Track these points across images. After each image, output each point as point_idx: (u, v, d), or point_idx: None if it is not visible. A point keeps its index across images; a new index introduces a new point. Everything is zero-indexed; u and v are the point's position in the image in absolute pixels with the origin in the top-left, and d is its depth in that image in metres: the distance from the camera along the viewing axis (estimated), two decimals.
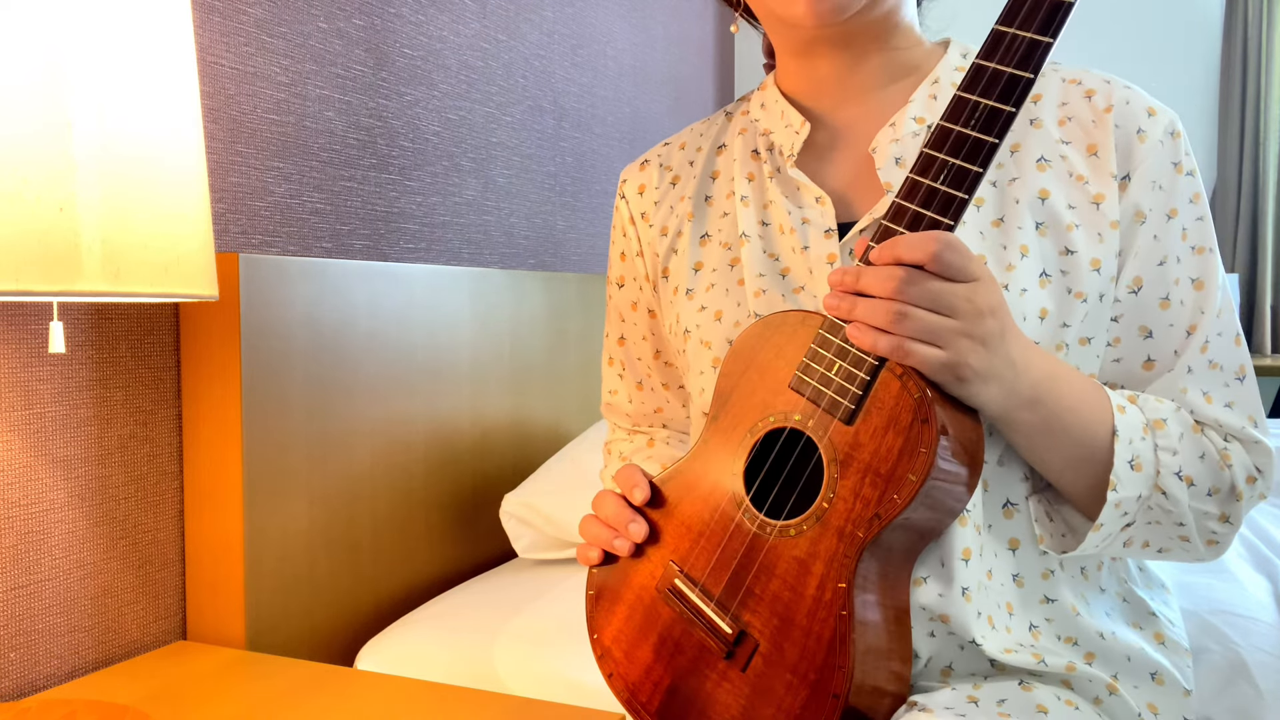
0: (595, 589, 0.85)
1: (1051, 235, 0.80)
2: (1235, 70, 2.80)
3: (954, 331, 0.68)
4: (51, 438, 1.10)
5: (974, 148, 0.68)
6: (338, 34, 1.49)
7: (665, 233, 0.96)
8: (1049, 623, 0.81)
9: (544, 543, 1.59)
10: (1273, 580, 1.48)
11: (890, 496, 0.69)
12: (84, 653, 1.14)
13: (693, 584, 0.78)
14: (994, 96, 0.68)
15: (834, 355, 0.72)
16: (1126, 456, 0.75)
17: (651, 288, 0.99)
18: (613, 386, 1.10)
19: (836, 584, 0.71)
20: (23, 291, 0.78)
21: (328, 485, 1.33)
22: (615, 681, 0.82)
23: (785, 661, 0.73)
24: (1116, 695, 0.81)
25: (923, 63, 0.88)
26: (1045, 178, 0.81)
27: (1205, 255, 0.81)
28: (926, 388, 0.69)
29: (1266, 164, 2.78)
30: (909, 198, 0.70)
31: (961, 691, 0.77)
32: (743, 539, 0.76)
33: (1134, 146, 0.81)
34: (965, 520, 0.77)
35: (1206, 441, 0.79)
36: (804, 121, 0.89)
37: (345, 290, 1.35)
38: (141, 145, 0.84)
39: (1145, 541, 0.80)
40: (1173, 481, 0.76)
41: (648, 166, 1.00)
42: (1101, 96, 0.83)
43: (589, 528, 0.85)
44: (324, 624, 1.34)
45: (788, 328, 0.76)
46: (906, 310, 0.67)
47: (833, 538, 0.71)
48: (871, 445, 0.70)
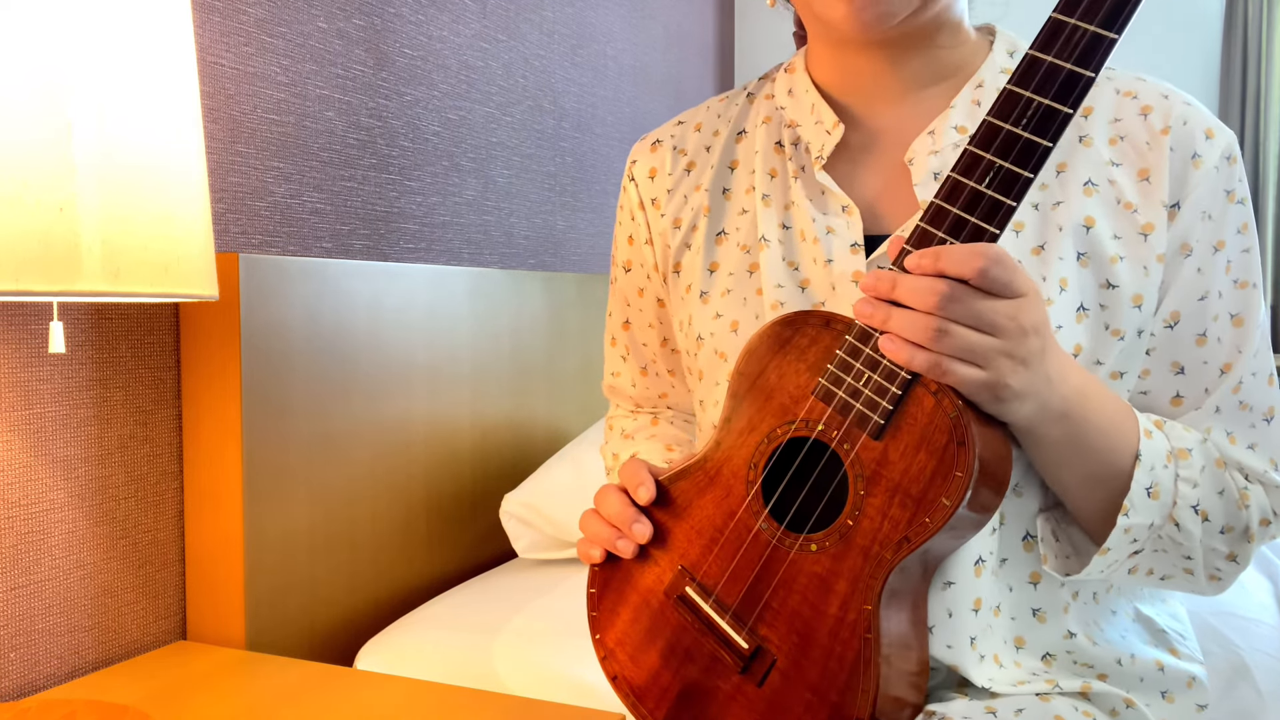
0: (598, 587, 0.82)
1: (1093, 267, 0.76)
2: (1235, 70, 2.80)
3: (996, 351, 0.64)
4: (51, 438, 1.10)
5: (1025, 150, 0.63)
6: (338, 34, 1.49)
7: (678, 225, 0.91)
8: (1068, 654, 0.80)
9: (544, 543, 1.59)
10: (1274, 582, 1.48)
11: (922, 520, 0.66)
12: (84, 653, 1.14)
13: (706, 593, 0.76)
14: (1050, 95, 0.62)
15: (863, 365, 0.68)
16: (1145, 483, 0.72)
17: (661, 278, 0.94)
18: (615, 369, 1.06)
19: (862, 605, 0.69)
20: (23, 291, 0.78)
21: (328, 485, 1.33)
22: (620, 685, 0.80)
23: (805, 680, 0.71)
24: (1134, 709, 0.79)
25: (968, 60, 0.82)
26: (1091, 203, 0.77)
27: (1248, 290, 0.77)
28: (962, 406, 0.66)
29: (1266, 164, 2.78)
30: (950, 200, 0.65)
31: (979, 702, 0.76)
32: (761, 550, 0.73)
33: (1188, 173, 0.76)
34: (981, 570, 0.76)
35: (1228, 479, 0.76)
36: (837, 122, 0.83)
37: (345, 290, 1.35)
38: (141, 145, 0.84)
39: (1150, 569, 0.77)
40: (1188, 515, 0.74)
41: (660, 148, 0.94)
42: (1159, 115, 0.77)
43: (590, 524, 0.81)
44: (324, 624, 1.34)
45: (810, 330, 0.73)
46: (947, 327, 0.63)
47: (858, 557, 0.69)
48: (902, 464, 0.67)
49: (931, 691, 0.79)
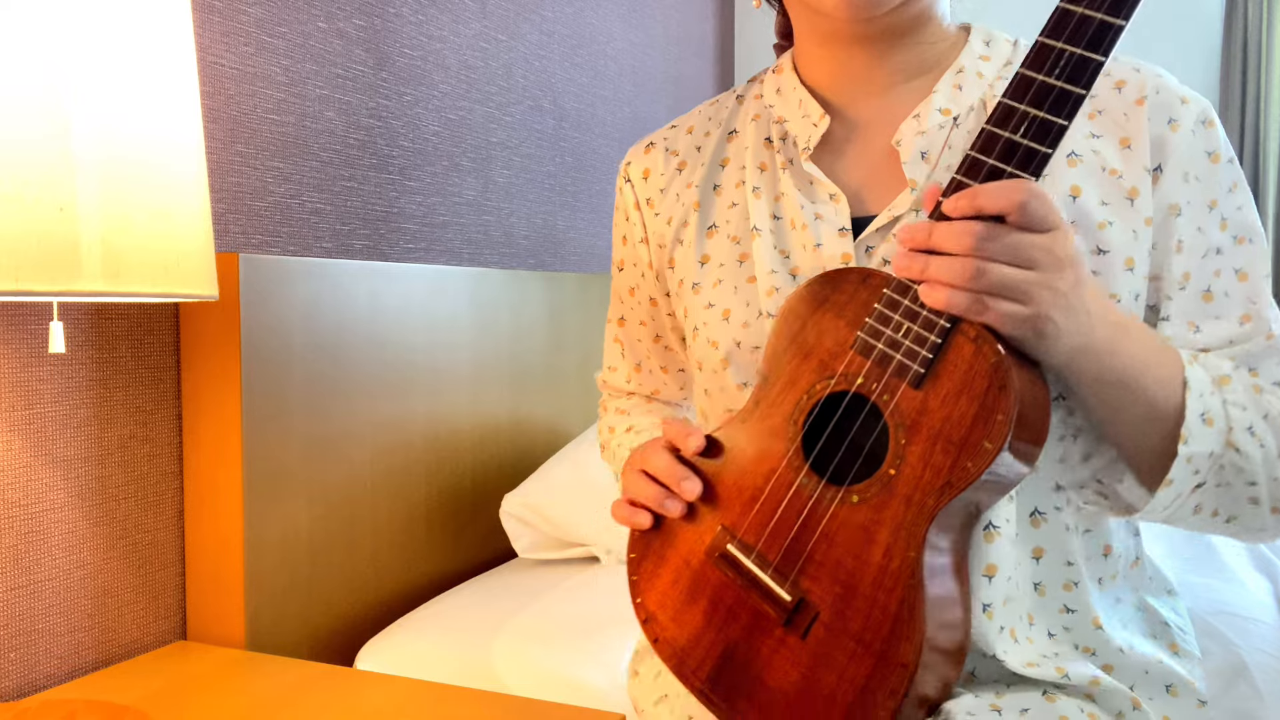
0: (637, 551, 0.82)
1: (1083, 234, 0.77)
2: (1235, 70, 2.80)
3: (1036, 284, 0.65)
4: (51, 438, 1.10)
5: (1060, 99, 0.65)
6: (338, 34, 1.49)
7: (670, 222, 0.93)
8: (1067, 631, 0.80)
9: (544, 543, 1.59)
10: (1273, 580, 1.48)
11: (964, 464, 0.67)
12: (84, 653, 1.14)
13: (748, 550, 0.75)
14: (1083, 44, 0.64)
15: (902, 316, 0.69)
16: (1199, 410, 0.71)
17: (655, 276, 0.97)
18: (612, 363, 1.10)
19: (906, 553, 0.68)
20: (23, 291, 0.78)
21: (328, 485, 1.33)
22: (663, 647, 0.79)
23: (849, 630, 0.70)
24: (1139, 711, 0.79)
25: (945, 56, 0.85)
26: (1076, 173, 0.79)
27: (1247, 245, 0.79)
28: (1002, 352, 0.66)
29: (1267, 164, 2.78)
30: (986, 151, 0.66)
31: (985, 699, 0.76)
32: (801, 504, 0.73)
33: (1166, 137, 0.78)
34: (995, 536, 0.76)
35: (1268, 402, 0.76)
36: (823, 114, 0.86)
37: (345, 290, 1.35)
38: (141, 145, 0.84)
39: (1215, 509, 0.76)
40: (1245, 438, 0.73)
41: (653, 150, 0.97)
42: (1133, 87, 0.80)
43: (636, 484, 0.81)
44: (324, 624, 1.34)
45: (849, 286, 0.73)
46: (985, 266, 0.64)
47: (900, 505, 0.69)
48: (943, 411, 0.68)
49: None
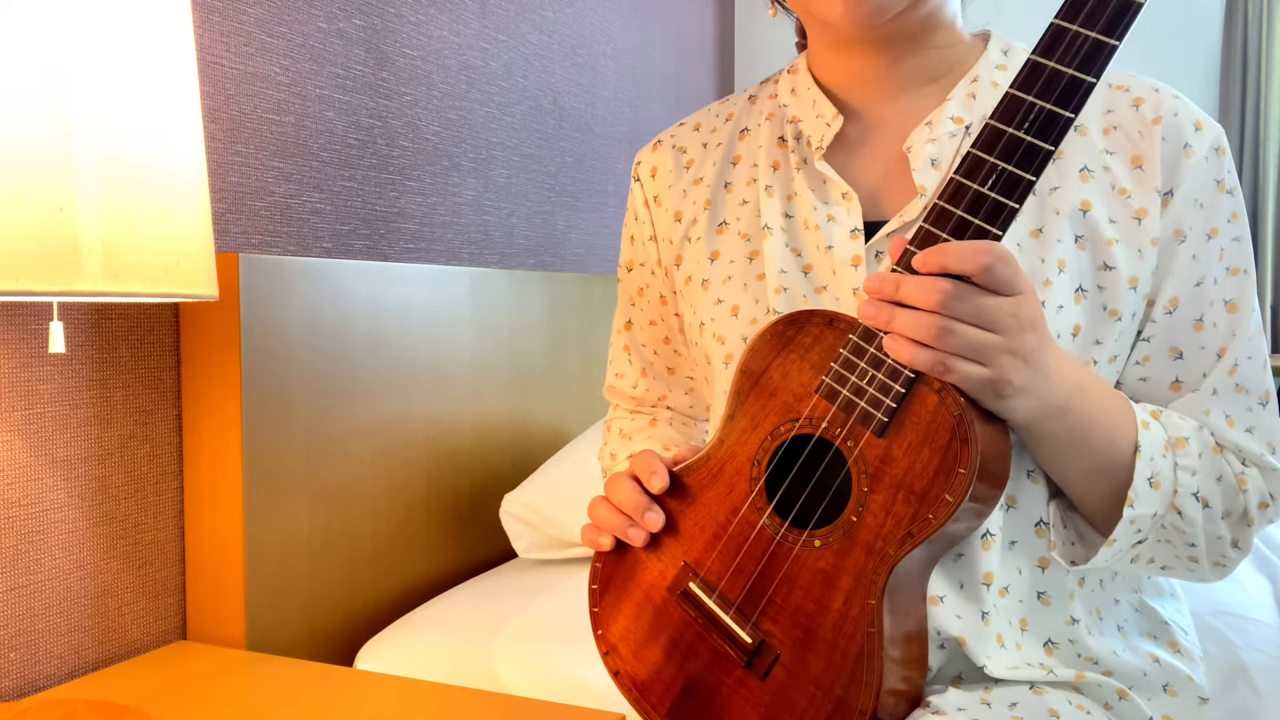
0: (600, 583, 0.83)
1: (1091, 249, 0.78)
2: (1235, 70, 2.80)
3: (998, 348, 0.66)
4: (51, 438, 1.10)
5: (1028, 153, 0.64)
6: (338, 34, 1.49)
7: (679, 219, 0.93)
8: (1071, 643, 0.80)
9: (544, 543, 1.59)
10: (1273, 581, 1.48)
11: (925, 516, 0.67)
12: (84, 653, 1.14)
13: (709, 589, 0.76)
14: (1052, 99, 0.63)
15: (867, 364, 0.69)
16: (1146, 473, 0.73)
17: (664, 274, 0.97)
18: (620, 370, 1.08)
19: (866, 600, 0.69)
20: (23, 291, 0.78)
21: (328, 485, 1.33)
22: (622, 679, 0.81)
23: (809, 674, 0.71)
24: (1127, 700, 0.80)
25: (962, 60, 0.85)
26: (1088, 189, 0.79)
27: (1240, 277, 0.80)
28: (965, 404, 0.67)
29: (1266, 164, 2.78)
30: (954, 201, 0.66)
31: (974, 694, 0.76)
32: (764, 546, 0.74)
33: (1180, 161, 0.78)
34: (990, 544, 0.77)
35: (1224, 464, 0.77)
36: (836, 114, 0.86)
37: (345, 290, 1.35)
38: (142, 145, 0.84)
39: (1152, 558, 0.78)
40: (1189, 502, 0.75)
41: (660, 148, 0.97)
42: (1150, 106, 0.80)
43: (601, 511, 0.81)
44: (324, 624, 1.34)
45: (814, 329, 0.74)
46: (951, 325, 0.65)
47: (861, 553, 0.70)
48: (905, 461, 0.68)
49: (927, 685, 0.79)
